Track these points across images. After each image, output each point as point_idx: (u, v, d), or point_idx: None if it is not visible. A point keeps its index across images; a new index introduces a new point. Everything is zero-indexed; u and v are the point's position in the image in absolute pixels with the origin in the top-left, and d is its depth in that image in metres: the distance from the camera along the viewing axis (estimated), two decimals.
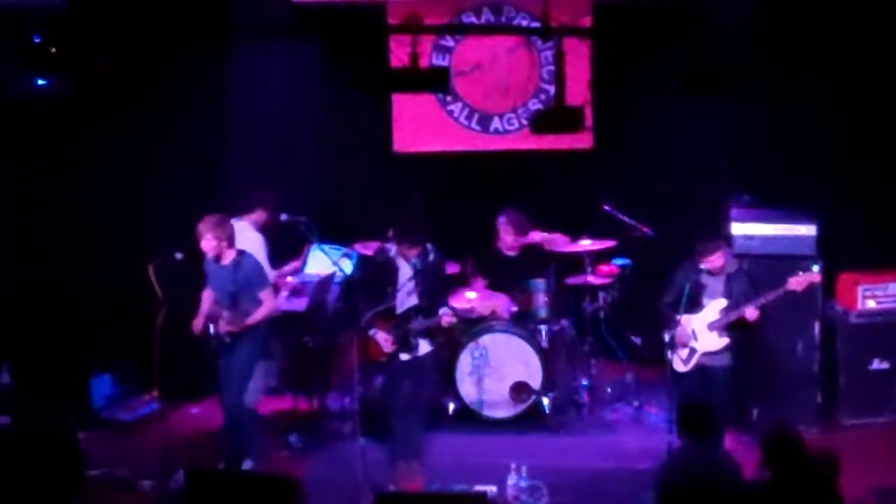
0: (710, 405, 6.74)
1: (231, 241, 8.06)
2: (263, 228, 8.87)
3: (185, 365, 8.07)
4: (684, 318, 7.99)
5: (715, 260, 7.97)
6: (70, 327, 9.74)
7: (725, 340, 8.00)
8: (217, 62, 10.28)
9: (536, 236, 9.71)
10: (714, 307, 8.02)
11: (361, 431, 7.89)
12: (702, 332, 8.02)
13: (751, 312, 7.85)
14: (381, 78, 10.18)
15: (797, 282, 7.85)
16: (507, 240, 9.64)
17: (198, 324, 8.09)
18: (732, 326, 7.98)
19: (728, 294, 7.99)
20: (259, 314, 8.05)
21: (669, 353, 8.06)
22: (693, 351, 8.04)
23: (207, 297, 8.25)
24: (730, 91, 9.55)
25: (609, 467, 8.35)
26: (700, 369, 8.04)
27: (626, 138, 10.61)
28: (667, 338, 8.07)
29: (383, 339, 8.01)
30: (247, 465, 8.06)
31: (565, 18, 10.12)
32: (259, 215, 8.83)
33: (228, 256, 8.05)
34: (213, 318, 8.05)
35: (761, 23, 9.87)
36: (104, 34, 9.13)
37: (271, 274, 8.72)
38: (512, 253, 9.71)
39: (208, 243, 7.96)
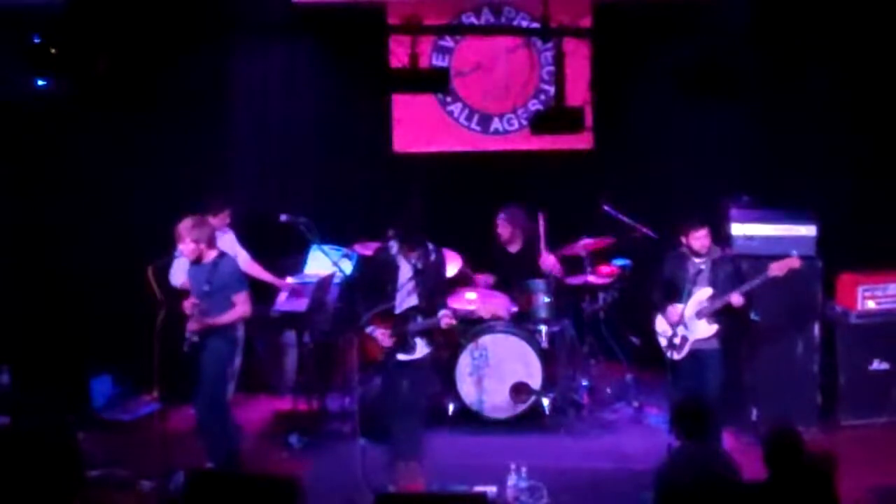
0: (704, 404, 6.75)
1: (211, 242, 7.98)
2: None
3: (184, 365, 8.05)
4: (675, 307, 8.08)
5: (702, 238, 8.08)
6: (70, 327, 9.74)
7: (715, 327, 8.12)
8: (217, 62, 10.28)
9: (550, 262, 9.64)
10: (700, 295, 8.11)
11: (361, 431, 7.88)
12: (691, 321, 8.12)
13: (736, 299, 7.98)
14: (382, 78, 10.18)
15: (778, 267, 7.99)
16: (504, 234, 9.66)
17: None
18: (720, 313, 8.08)
19: (713, 282, 8.11)
20: (226, 317, 7.94)
21: (664, 342, 8.16)
22: (685, 339, 8.15)
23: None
24: (729, 91, 9.56)
25: (609, 468, 8.34)
26: (693, 355, 8.14)
27: (626, 138, 10.62)
28: (660, 327, 8.21)
29: (381, 334, 7.98)
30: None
31: (565, 19, 10.12)
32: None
33: (209, 257, 7.97)
34: (189, 314, 7.96)
35: (761, 23, 9.88)
36: (104, 34, 9.13)
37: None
38: (514, 249, 9.72)
39: (187, 247, 7.88)
